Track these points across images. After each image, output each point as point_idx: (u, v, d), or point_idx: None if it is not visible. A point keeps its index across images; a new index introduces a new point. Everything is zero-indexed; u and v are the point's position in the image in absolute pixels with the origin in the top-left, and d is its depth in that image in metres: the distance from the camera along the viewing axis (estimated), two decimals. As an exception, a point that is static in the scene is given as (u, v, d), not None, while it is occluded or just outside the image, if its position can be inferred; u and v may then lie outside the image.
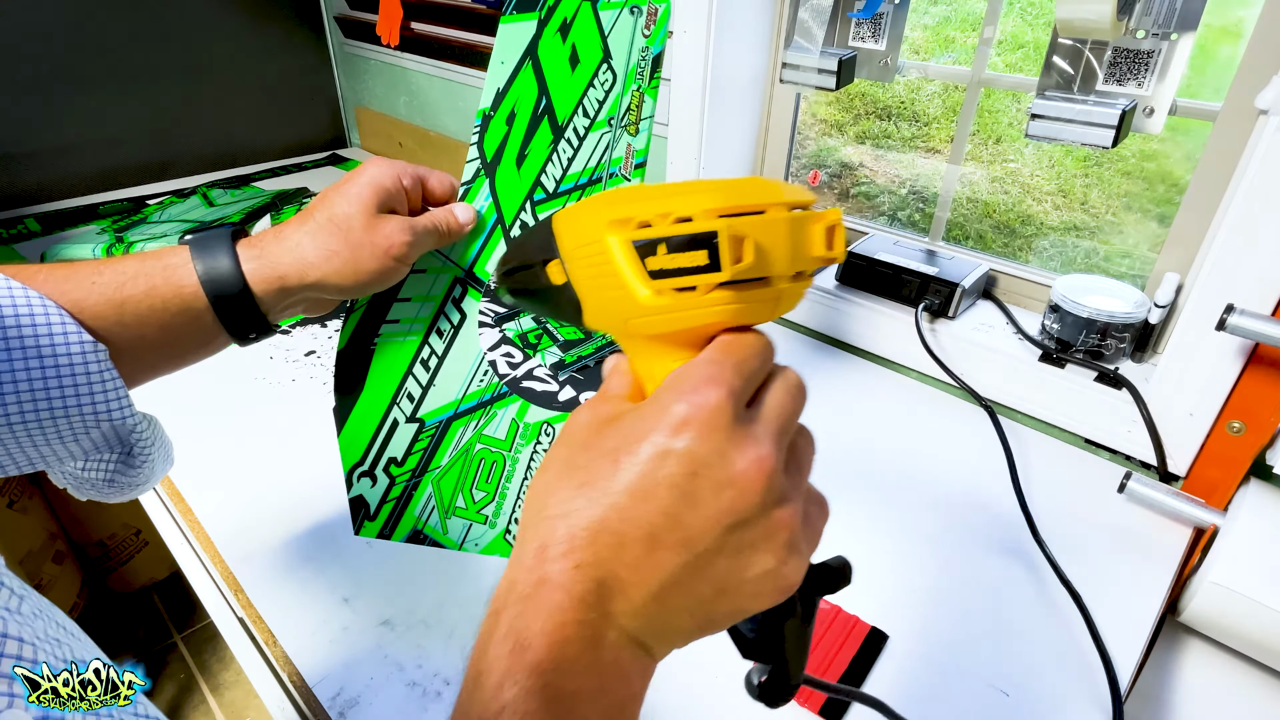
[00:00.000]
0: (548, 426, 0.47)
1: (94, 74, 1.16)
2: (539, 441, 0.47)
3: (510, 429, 0.47)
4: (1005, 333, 0.78)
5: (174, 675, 1.35)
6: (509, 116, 0.44)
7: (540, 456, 0.45)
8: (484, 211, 0.45)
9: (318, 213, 0.39)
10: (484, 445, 0.46)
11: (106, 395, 0.35)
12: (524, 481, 0.47)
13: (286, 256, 0.38)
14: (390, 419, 0.45)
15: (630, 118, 0.45)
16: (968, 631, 0.51)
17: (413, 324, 0.45)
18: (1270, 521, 0.53)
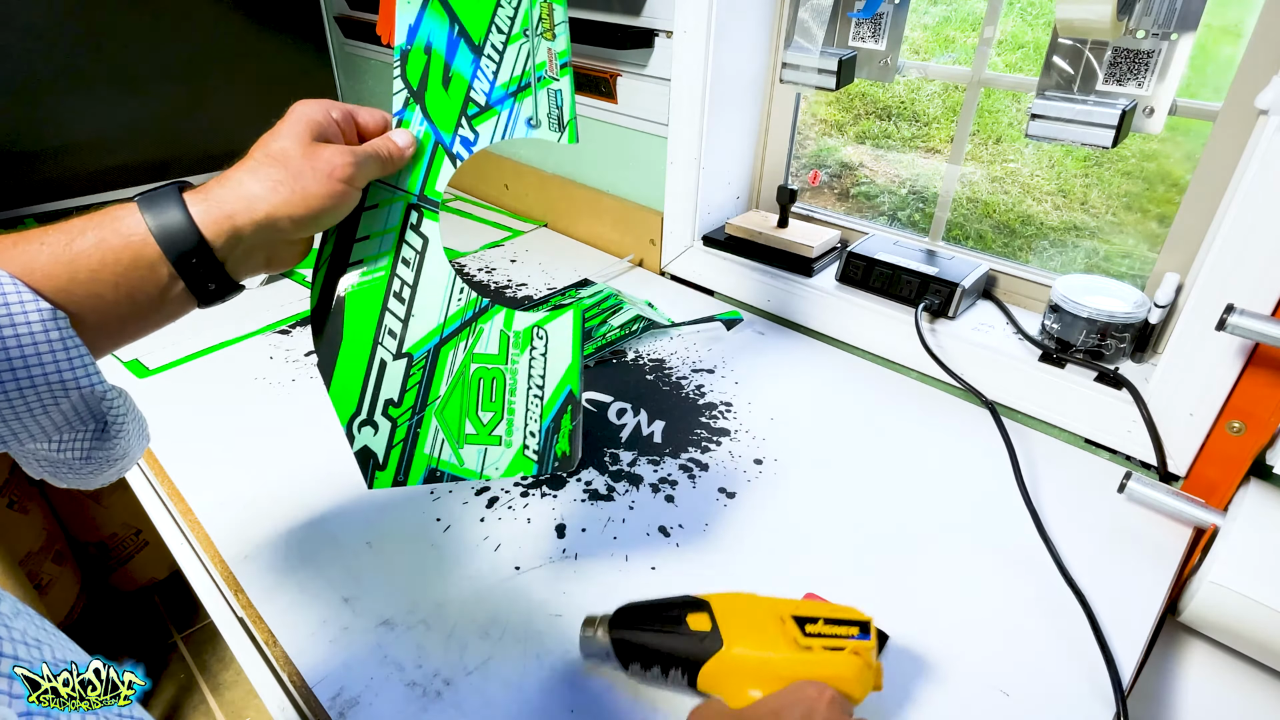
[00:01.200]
0: (539, 330, 0.46)
1: (94, 74, 1.16)
2: (533, 347, 0.45)
3: (501, 342, 0.46)
4: (1005, 333, 0.78)
5: (174, 675, 1.35)
6: (425, 47, 0.45)
7: (538, 362, 0.45)
8: (421, 136, 0.45)
9: (256, 153, 0.40)
10: (479, 365, 0.45)
11: (72, 363, 0.34)
12: (528, 391, 0.45)
13: (231, 195, 0.38)
14: (377, 360, 0.44)
15: (544, 25, 0.46)
16: (968, 631, 0.51)
17: (377, 260, 0.45)
18: (1270, 521, 0.53)
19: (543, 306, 0.92)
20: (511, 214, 1.21)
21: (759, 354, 0.83)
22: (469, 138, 0.46)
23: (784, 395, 0.76)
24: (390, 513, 0.59)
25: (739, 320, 0.89)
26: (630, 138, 1.00)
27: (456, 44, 0.45)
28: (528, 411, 0.45)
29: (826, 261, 0.92)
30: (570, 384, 0.43)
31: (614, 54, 0.97)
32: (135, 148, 1.25)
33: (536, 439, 0.44)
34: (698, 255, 0.97)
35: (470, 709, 0.45)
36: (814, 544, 0.58)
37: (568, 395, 0.43)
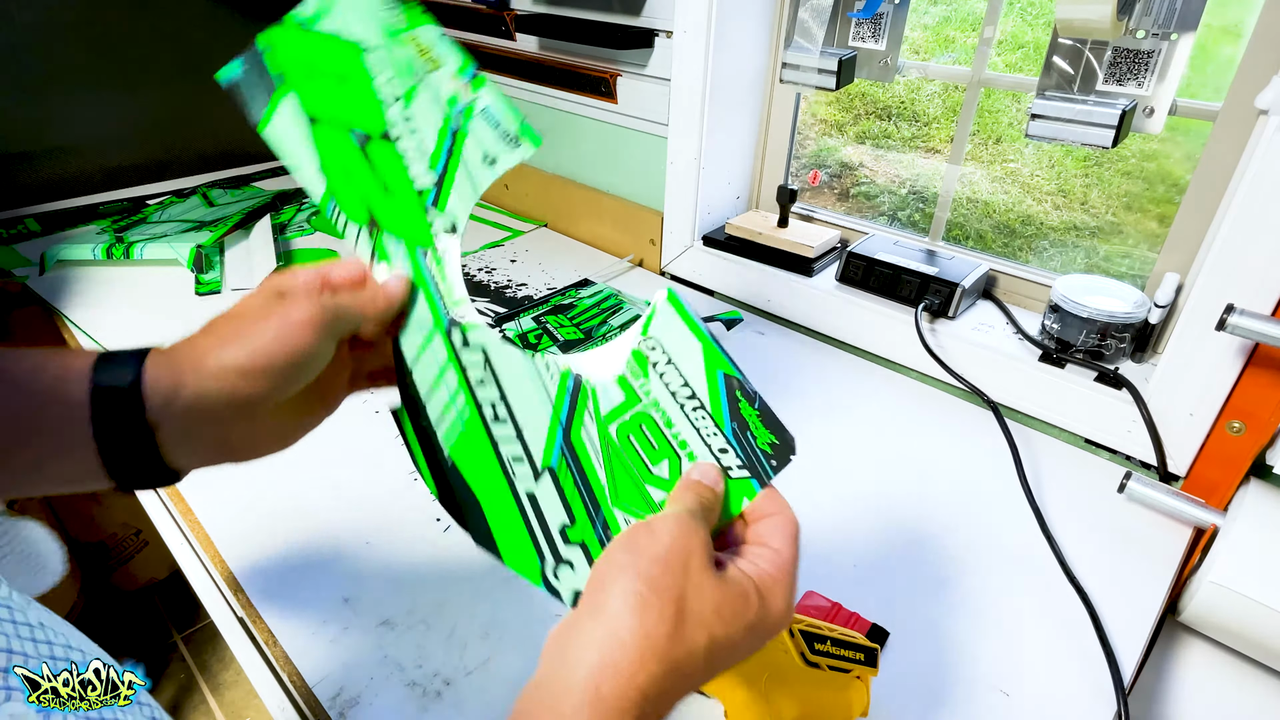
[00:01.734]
0: (645, 341, 0.36)
1: (94, 74, 1.16)
2: (653, 365, 0.36)
3: (623, 384, 0.36)
4: (1005, 333, 0.78)
5: (174, 675, 1.35)
6: (339, 183, 0.39)
7: (670, 373, 0.35)
8: (407, 264, 0.38)
9: (223, 321, 0.34)
10: (617, 424, 0.36)
11: None
12: (684, 410, 0.35)
13: (184, 350, 0.32)
14: (523, 495, 0.37)
15: (426, 60, 0.39)
16: (968, 630, 0.51)
17: (455, 401, 0.38)
18: (1270, 521, 0.53)
19: (550, 306, 0.91)
20: (511, 214, 1.21)
21: (759, 354, 0.83)
22: (448, 223, 0.39)
23: (784, 395, 0.76)
24: (390, 513, 0.59)
25: (739, 320, 0.89)
26: (630, 138, 1.00)
27: (366, 148, 0.39)
28: (700, 431, 0.35)
29: (826, 261, 0.92)
30: (719, 367, 0.35)
31: (614, 54, 0.97)
32: (135, 148, 1.25)
33: (732, 450, 0.35)
34: (698, 255, 0.97)
35: (470, 709, 0.45)
36: (814, 544, 0.58)
37: (725, 381, 0.34)
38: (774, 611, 0.30)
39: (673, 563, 0.28)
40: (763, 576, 0.30)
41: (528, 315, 0.88)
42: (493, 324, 0.82)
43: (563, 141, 1.11)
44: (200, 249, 0.99)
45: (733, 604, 0.29)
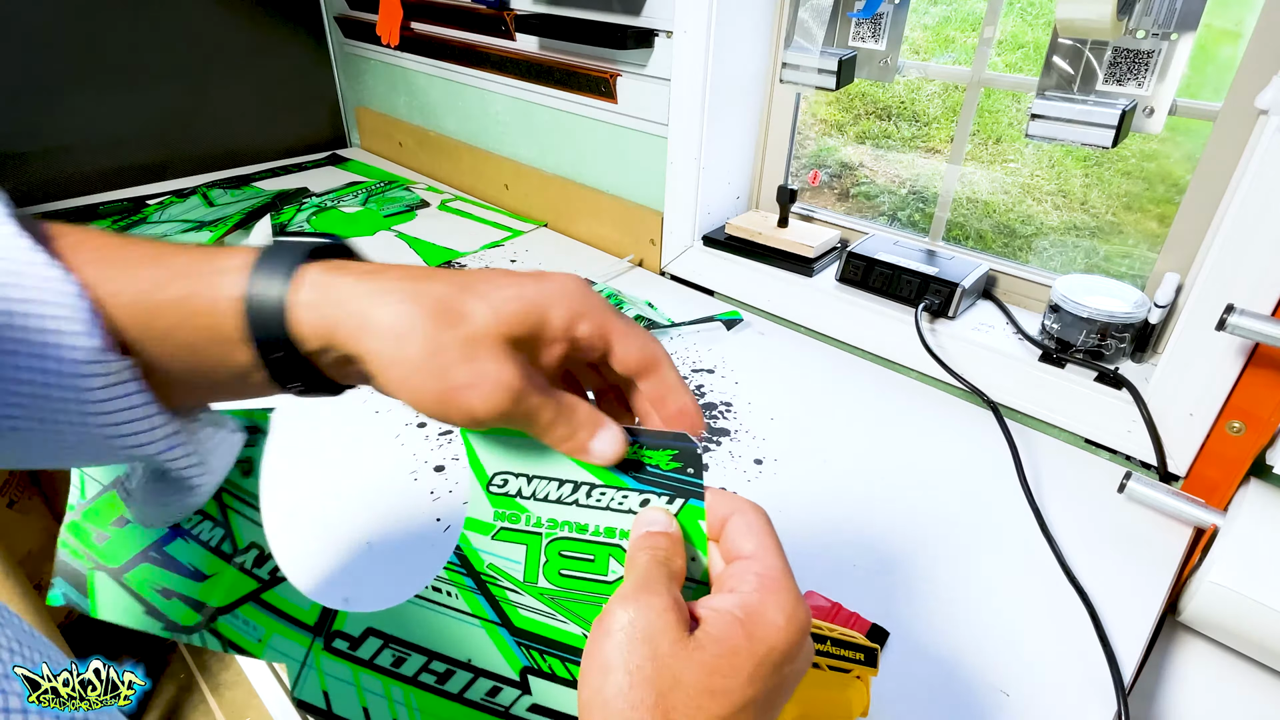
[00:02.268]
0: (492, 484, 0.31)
1: (94, 74, 1.16)
2: (519, 495, 0.31)
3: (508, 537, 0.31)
4: (1005, 333, 0.78)
5: (174, 675, 1.35)
6: None
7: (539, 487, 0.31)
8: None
9: (453, 280, 0.28)
10: (541, 572, 0.31)
11: (115, 420, 0.26)
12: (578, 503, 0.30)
13: (363, 299, 0.27)
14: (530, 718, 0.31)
15: None
16: (968, 630, 0.51)
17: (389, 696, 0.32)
18: (1270, 521, 0.53)
19: None
20: (511, 214, 1.21)
21: (759, 354, 0.83)
22: None
23: (784, 395, 0.76)
24: (390, 513, 0.59)
25: (739, 320, 0.89)
26: (630, 138, 1.00)
27: None
28: (610, 507, 0.30)
29: (826, 261, 0.92)
30: None
31: (614, 54, 0.97)
32: (135, 148, 1.25)
33: (649, 493, 0.30)
34: (698, 255, 0.97)
35: (470, 709, 0.45)
36: (814, 543, 0.58)
37: None
38: (772, 634, 0.24)
39: (640, 665, 0.23)
40: (745, 603, 0.25)
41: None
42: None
43: (563, 141, 1.11)
44: (200, 249, 0.98)
45: (721, 663, 0.24)
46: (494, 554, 0.31)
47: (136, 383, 0.27)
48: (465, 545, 0.32)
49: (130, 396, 0.27)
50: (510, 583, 0.31)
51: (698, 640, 0.24)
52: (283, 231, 1.10)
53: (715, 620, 0.25)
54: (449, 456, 0.66)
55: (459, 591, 0.32)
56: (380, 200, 1.24)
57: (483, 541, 0.31)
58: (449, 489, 0.62)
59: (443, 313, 0.27)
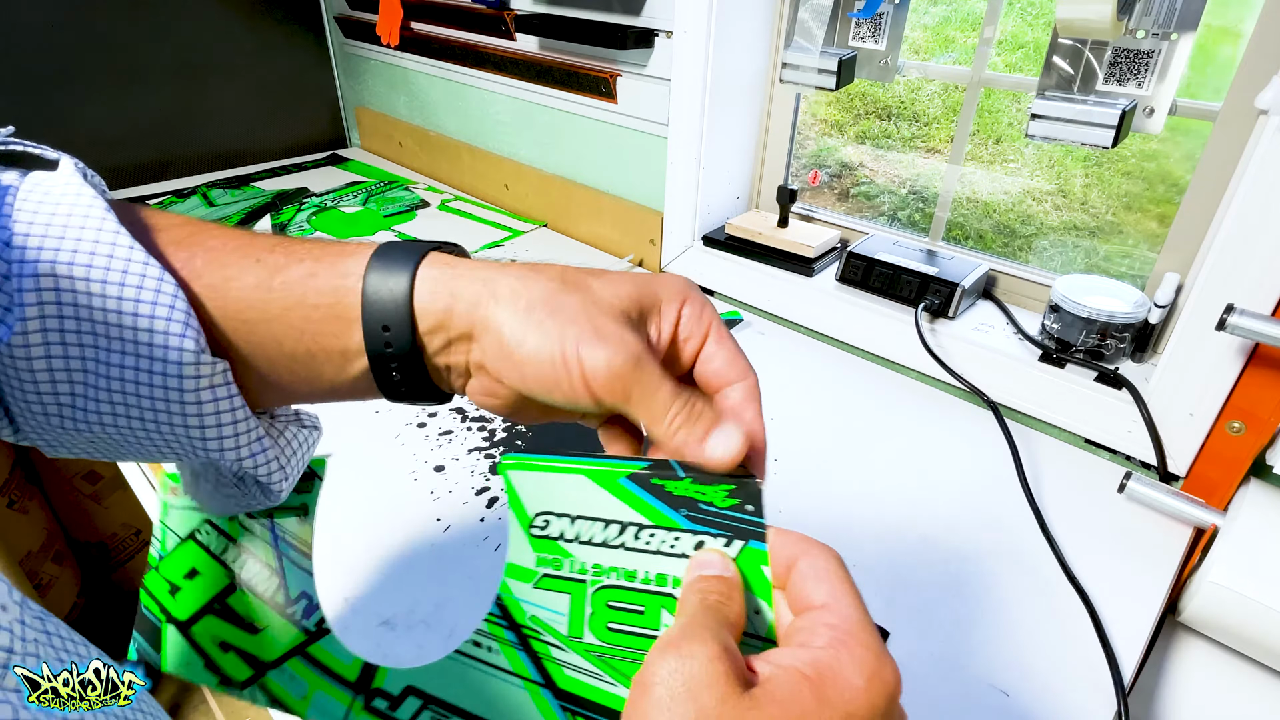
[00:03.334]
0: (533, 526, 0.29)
1: (94, 74, 1.16)
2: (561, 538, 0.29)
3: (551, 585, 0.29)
4: (1005, 333, 0.78)
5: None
6: None
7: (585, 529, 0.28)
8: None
9: (563, 270, 0.28)
10: (587, 624, 0.28)
11: (204, 424, 0.26)
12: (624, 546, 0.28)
13: (484, 280, 0.27)
14: None
15: None
16: (968, 630, 0.51)
17: None
18: (1270, 521, 0.53)
19: None
20: (511, 214, 1.21)
21: (759, 354, 0.83)
22: None
23: (784, 395, 0.76)
24: (390, 513, 0.59)
25: (739, 320, 0.89)
26: (630, 138, 1.00)
27: None
28: (661, 551, 0.27)
29: (826, 261, 0.92)
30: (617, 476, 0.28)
31: (614, 54, 0.97)
32: (135, 148, 1.25)
33: (704, 534, 0.27)
34: (698, 255, 0.97)
35: (470, 709, 0.45)
36: (814, 544, 0.58)
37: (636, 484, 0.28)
38: (849, 698, 0.21)
39: (682, 712, 0.20)
40: (816, 660, 0.21)
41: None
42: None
43: (563, 141, 1.11)
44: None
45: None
46: (536, 604, 0.29)
47: (228, 386, 0.26)
48: (506, 594, 0.30)
49: (220, 401, 0.26)
50: (554, 637, 0.29)
51: (755, 699, 0.20)
52: (283, 231, 1.10)
53: (778, 679, 0.21)
54: (449, 457, 0.66)
55: (500, 647, 0.30)
56: (380, 200, 1.24)
57: (524, 590, 0.29)
58: (449, 489, 0.62)
59: (563, 283, 0.27)
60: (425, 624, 0.50)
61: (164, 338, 0.25)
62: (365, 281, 0.27)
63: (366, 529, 0.58)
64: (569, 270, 0.28)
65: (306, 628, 0.35)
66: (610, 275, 0.28)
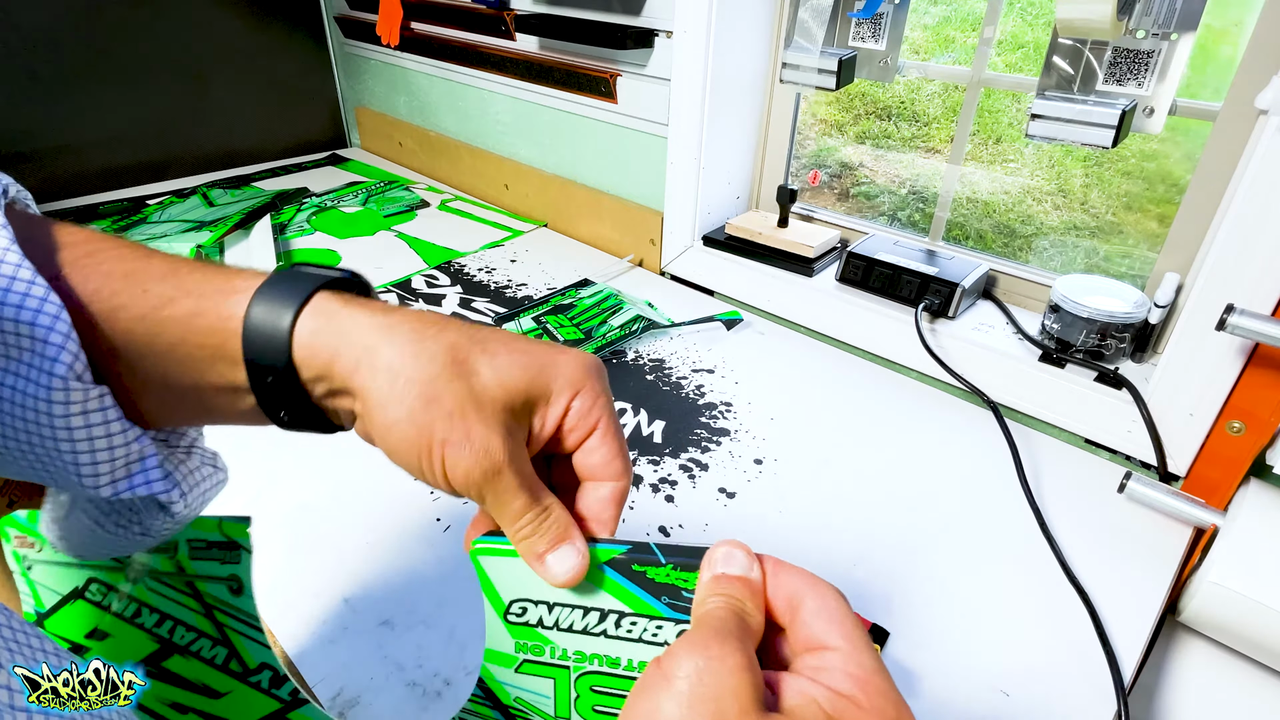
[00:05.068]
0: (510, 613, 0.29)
1: (94, 74, 1.16)
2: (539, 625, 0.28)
3: (534, 671, 0.29)
4: (1005, 333, 0.78)
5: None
6: None
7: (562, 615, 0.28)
8: None
9: (462, 331, 0.27)
10: (574, 706, 0.28)
11: (75, 449, 0.25)
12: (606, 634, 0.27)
13: (370, 333, 0.26)
14: None
15: None
16: (968, 630, 0.51)
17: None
18: (1270, 521, 0.53)
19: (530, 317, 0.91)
20: (511, 214, 1.21)
21: (759, 354, 0.83)
22: None
23: (784, 395, 0.76)
24: (390, 513, 0.59)
25: (739, 320, 0.89)
26: (630, 138, 1.00)
27: None
28: (643, 640, 0.27)
29: (826, 261, 0.92)
30: (598, 562, 0.27)
31: (614, 54, 0.97)
32: (135, 148, 1.25)
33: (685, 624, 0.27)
34: (698, 255, 0.97)
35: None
36: (814, 543, 0.58)
37: (616, 571, 0.27)
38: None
39: (700, 714, 0.20)
40: (836, 702, 0.21)
41: (528, 315, 0.88)
42: (494, 322, 0.81)
43: (563, 141, 1.11)
44: (200, 249, 0.99)
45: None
46: (520, 688, 0.29)
47: (103, 412, 0.25)
48: (488, 677, 0.29)
49: (93, 427, 0.25)
50: (541, 718, 0.29)
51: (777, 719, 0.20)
52: (283, 231, 1.10)
53: (802, 707, 0.21)
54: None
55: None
56: (380, 200, 1.24)
57: (506, 674, 0.29)
58: (449, 489, 0.62)
59: (449, 363, 0.26)
60: (425, 624, 0.50)
61: (39, 359, 0.24)
62: (246, 326, 0.26)
63: (367, 529, 0.58)
64: (464, 344, 0.27)
65: (280, 696, 0.34)
66: (509, 353, 0.27)
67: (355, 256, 1.04)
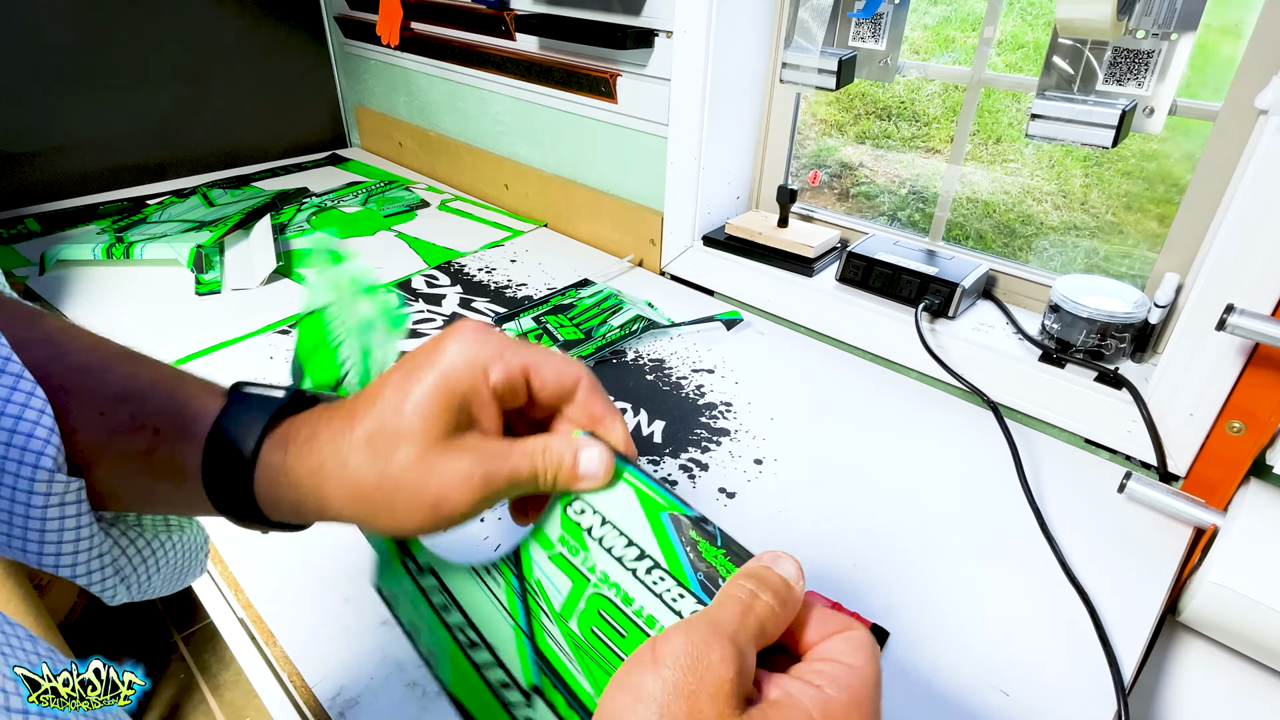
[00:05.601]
0: (571, 507, 0.31)
1: (94, 74, 1.16)
2: (587, 531, 0.30)
3: (561, 565, 0.30)
4: (1005, 333, 0.78)
5: (174, 675, 1.35)
6: None
7: (610, 535, 0.29)
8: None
9: (365, 416, 0.27)
10: (577, 616, 0.29)
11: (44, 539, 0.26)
12: (639, 575, 0.29)
13: (309, 478, 0.28)
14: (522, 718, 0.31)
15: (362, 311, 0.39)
16: (968, 630, 0.51)
17: (435, 632, 0.34)
18: (1270, 521, 0.53)
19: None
20: (511, 214, 1.21)
21: (759, 354, 0.83)
22: None
23: (784, 395, 0.76)
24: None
25: (739, 320, 0.89)
26: (630, 138, 1.00)
27: None
28: (663, 597, 0.28)
29: (826, 261, 0.92)
30: (660, 509, 0.29)
31: (614, 54, 0.97)
32: (135, 148, 1.25)
33: (693, 598, 0.28)
34: (698, 255, 0.97)
35: (470, 709, 0.45)
36: (814, 543, 0.58)
37: (673, 525, 0.28)
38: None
39: (675, 716, 0.20)
40: (828, 703, 0.22)
41: (528, 315, 0.88)
42: (494, 322, 0.81)
43: (563, 141, 1.11)
44: (200, 249, 0.99)
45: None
46: (545, 573, 0.30)
47: (79, 504, 0.26)
48: (524, 551, 0.31)
49: (66, 520, 0.26)
50: (547, 606, 0.30)
51: (754, 715, 0.21)
52: (283, 231, 1.10)
53: (785, 707, 0.22)
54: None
55: (504, 586, 0.32)
56: (380, 200, 1.24)
57: (540, 556, 0.31)
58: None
59: (375, 451, 0.27)
60: (425, 624, 0.50)
61: (20, 452, 0.24)
62: (206, 481, 0.28)
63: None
64: (371, 424, 0.27)
65: None
66: (406, 398, 0.27)
67: (355, 256, 1.04)
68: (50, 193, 1.18)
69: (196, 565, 0.35)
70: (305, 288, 0.41)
